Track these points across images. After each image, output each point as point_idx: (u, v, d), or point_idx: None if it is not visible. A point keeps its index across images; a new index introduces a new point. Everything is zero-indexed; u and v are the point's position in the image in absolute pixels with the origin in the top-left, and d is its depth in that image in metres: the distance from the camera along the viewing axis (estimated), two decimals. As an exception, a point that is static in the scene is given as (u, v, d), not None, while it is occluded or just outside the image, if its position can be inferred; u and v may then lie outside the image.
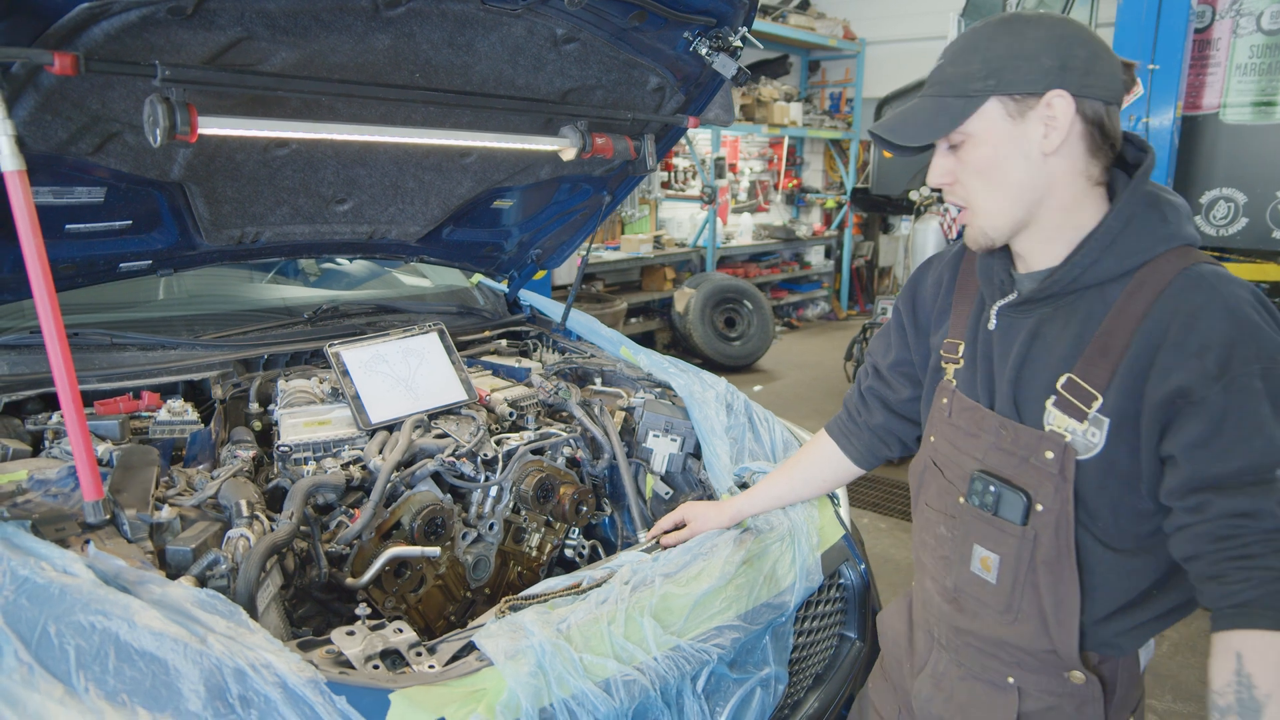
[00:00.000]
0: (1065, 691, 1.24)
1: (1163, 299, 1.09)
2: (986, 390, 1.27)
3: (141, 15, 1.44)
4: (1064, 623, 1.20)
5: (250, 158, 1.99)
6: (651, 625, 1.48)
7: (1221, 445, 1.04)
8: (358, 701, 1.19)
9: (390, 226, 2.49)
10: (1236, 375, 1.03)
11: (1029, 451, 1.19)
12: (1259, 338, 1.05)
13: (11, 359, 1.98)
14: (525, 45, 1.95)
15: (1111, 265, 1.14)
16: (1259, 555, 1.03)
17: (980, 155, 1.16)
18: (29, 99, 1.54)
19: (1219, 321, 1.05)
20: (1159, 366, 1.08)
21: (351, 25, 1.69)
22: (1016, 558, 1.21)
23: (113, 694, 1.14)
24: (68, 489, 1.55)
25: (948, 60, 1.18)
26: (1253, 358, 1.04)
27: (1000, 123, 1.14)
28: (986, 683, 1.31)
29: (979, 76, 1.13)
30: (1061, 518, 1.17)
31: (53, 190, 1.78)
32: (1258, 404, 1.03)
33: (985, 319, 1.29)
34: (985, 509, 1.23)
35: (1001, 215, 1.18)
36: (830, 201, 10.71)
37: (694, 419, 2.29)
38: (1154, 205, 1.15)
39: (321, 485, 1.78)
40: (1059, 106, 1.11)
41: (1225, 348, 1.04)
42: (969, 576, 1.29)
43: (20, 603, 1.20)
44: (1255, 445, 1.03)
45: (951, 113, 1.15)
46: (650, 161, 2.42)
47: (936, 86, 1.18)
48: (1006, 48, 1.12)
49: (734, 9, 1.99)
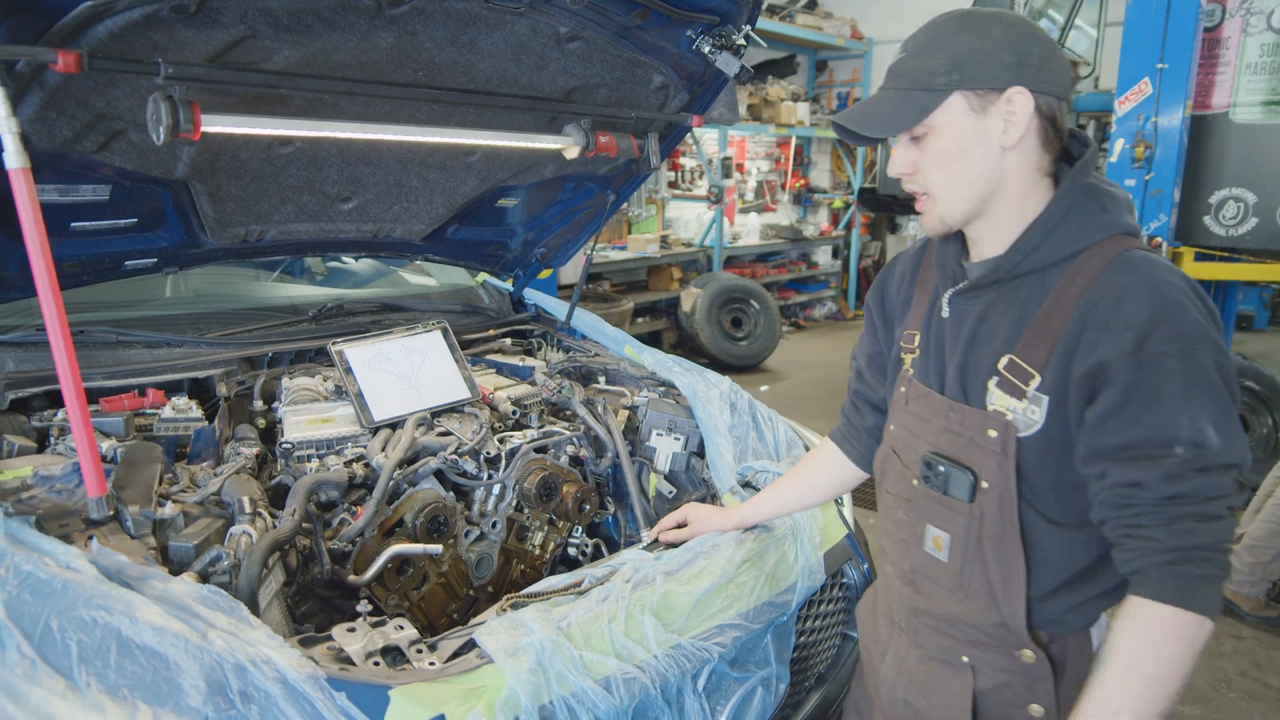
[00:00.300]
0: (1017, 670, 1.27)
1: (1097, 281, 1.14)
2: (938, 376, 1.32)
3: (145, 13, 1.45)
4: (1011, 597, 1.24)
5: (254, 156, 1.99)
6: (652, 623, 1.47)
7: (1126, 417, 1.10)
8: (357, 698, 1.19)
9: (395, 225, 2.49)
10: (1151, 353, 1.08)
11: (974, 431, 1.23)
12: (1180, 320, 1.09)
13: (18, 356, 1.99)
14: (528, 43, 1.95)
15: (1051, 251, 1.19)
16: (1146, 527, 1.10)
17: (943, 147, 1.20)
18: (34, 97, 1.55)
19: (1143, 302, 1.10)
20: (1085, 343, 1.13)
21: (355, 23, 1.69)
22: (965, 534, 1.26)
23: (114, 689, 1.15)
24: (72, 485, 1.56)
25: (910, 54, 1.21)
26: (1170, 338, 1.08)
27: (963, 116, 1.18)
28: (943, 663, 1.34)
29: (943, 71, 1.17)
30: (1005, 494, 1.21)
31: (58, 188, 1.79)
32: (1166, 382, 1.08)
33: (939, 307, 1.33)
34: (936, 489, 1.28)
35: (959, 203, 1.23)
36: (837, 201, 10.69)
37: (698, 418, 2.29)
38: (1093, 195, 1.20)
39: (324, 482, 1.78)
40: (1019, 102, 1.15)
41: (1145, 326, 1.09)
42: (923, 557, 1.34)
43: (23, 597, 1.21)
44: (1154, 420, 1.08)
45: (917, 106, 1.19)
46: (654, 160, 2.41)
47: (900, 79, 1.21)
48: (969, 43, 1.16)
49: (737, 7, 1.99)
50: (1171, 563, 1.08)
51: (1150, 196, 5.37)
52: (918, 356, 1.36)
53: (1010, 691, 1.28)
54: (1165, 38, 5.20)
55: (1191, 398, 1.08)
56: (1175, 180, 5.35)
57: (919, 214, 1.29)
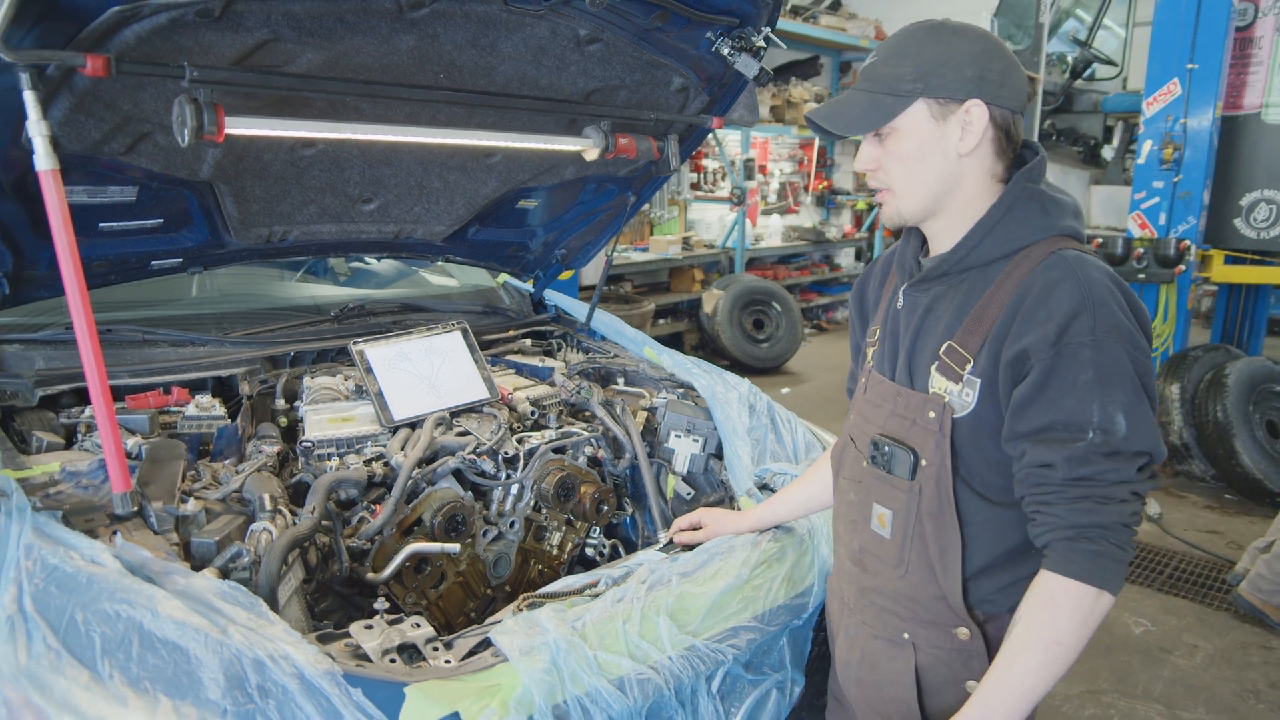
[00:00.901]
0: (953, 646, 1.35)
1: (1030, 275, 1.24)
2: (890, 363, 1.41)
3: (171, 18, 1.47)
4: (948, 571, 1.31)
5: (278, 158, 2.02)
6: (667, 624, 1.48)
7: (1043, 401, 1.19)
8: (373, 694, 1.21)
9: (416, 226, 2.51)
10: (1069, 343, 1.17)
11: (916, 413, 1.33)
12: (1100, 314, 1.18)
13: (48, 354, 2.03)
14: (548, 46, 1.97)
15: (991, 248, 1.29)
16: (1052, 504, 1.20)
17: (904, 148, 1.29)
18: (63, 100, 1.59)
19: (1068, 296, 1.19)
20: (1014, 331, 1.22)
21: (376, 27, 1.71)
22: (906, 511, 1.34)
23: (135, 681, 1.17)
24: (98, 481, 1.59)
25: (881, 59, 1.30)
26: (1088, 330, 1.17)
27: (925, 122, 1.27)
28: (886, 640, 1.42)
29: (909, 79, 1.26)
30: (942, 470, 1.29)
31: (86, 189, 1.83)
32: (1080, 370, 1.17)
33: (895, 299, 1.43)
34: (881, 468, 1.37)
35: (915, 200, 1.33)
36: (861, 203, 10.62)
37: (716, 420, 2.29)
38: (1035, 199, 1.29)
39: (344, 481, 1.80)
40: (976, 114, 1.25)
41: (1067, 318, 1.18)
42: (869, 535, 1.42)
43: (50, 590, 1.23)
44: (1067, 404, 1.18)
45: (883, 109, 1.28)
46: (674, 162, 2.41)
47: (870, 82, 1.30)
48: (935, 55, 1.26)
49: (757, 9, 1.99)
50: (1071, 539, 1.19)
51: (1179, 199, 5.30)
52: (877, 349, 1.46)
53: (946, 668, 1.36)
54: (1195, 37, 5.13)
55: (1104, 386, 1.17)
56: (1205, 182, 5.27)
57: (883, 205, 1.39)
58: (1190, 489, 5.11)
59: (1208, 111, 5.16)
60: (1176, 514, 4.76)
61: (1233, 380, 4.87)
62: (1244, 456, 4.77)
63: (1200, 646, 3.47)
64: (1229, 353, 5.27)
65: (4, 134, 1.59)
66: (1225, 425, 4.80)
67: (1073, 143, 7.29)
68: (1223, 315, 6.15)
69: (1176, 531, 4.50)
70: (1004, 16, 6.72)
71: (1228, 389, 4.84)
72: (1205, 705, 3.10)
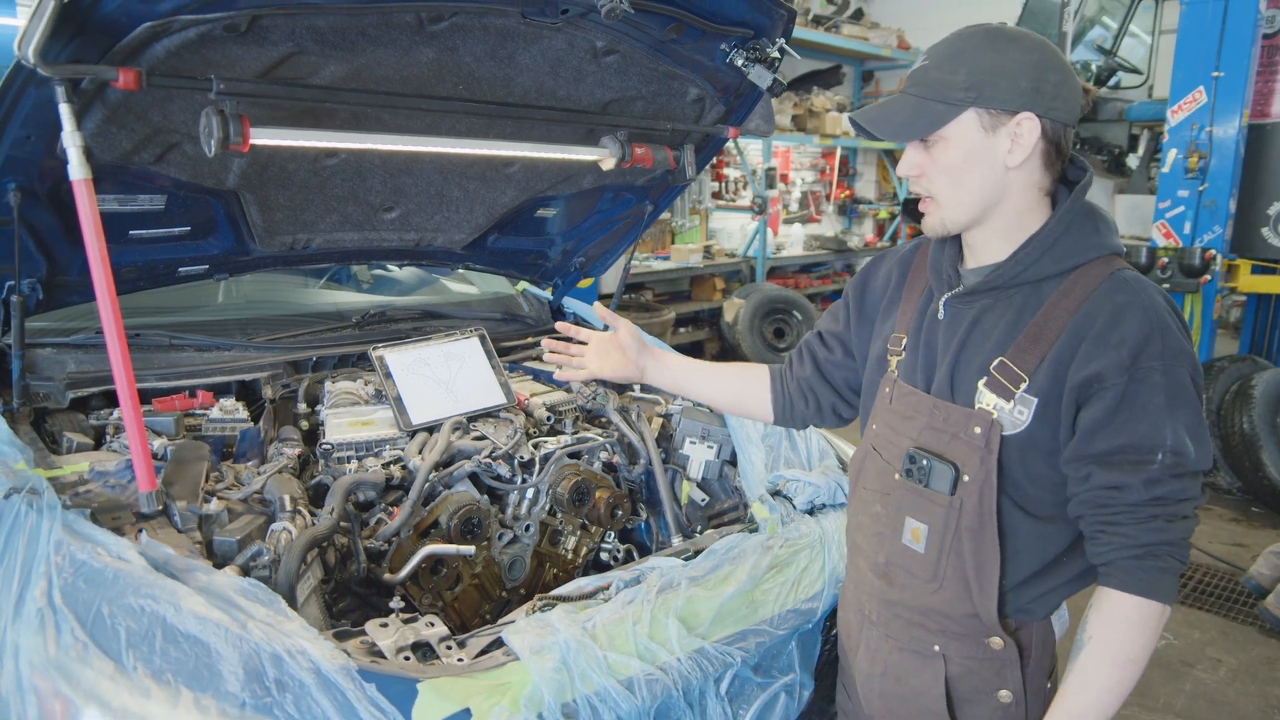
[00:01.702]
0: (985, 656, 1.34)
1: (1093, 297, 1.24)
2: (925, 375, 1.38)
3: (199, 33, 1.53)
4: (985, 587, 1.30)
5: (301, 167, 2.07)
6: (676, 626, 1.50)
7: (1115, 425, 1.20)
8: (387, 689, 1.24)
9: (436, 234, 2.56)
10: (1141, 368, 1.19)
11: (959, 428, 1.31)
12: (1167, 338, 1.20)
13: (79, 357, 2.09)
14: (566, 57, 2.00)
15: (1049, 265, 1.28)
16: (1121, 524, 1.21)
17: (951, 157, 1.27)
18: (96, 112, 1.64)
19: (1138, 320, 1.20)
20: (1082, 354, 1.22)
21: (397, 40, 1.75)
22: (944, 526, 1.32)
23: (159, 673, 1.21)
24: (125, 481, 1.64)
25: (933, 64, 1.27)
26: (1158, 354, 1.19)
27: (974, 132, 1.25)
28: (914, 652, 1.40)
29: (961, 86, 1.23)
30: (985, 486, 1.28)
31: (117, 198, 1.89)
32: (1152, 395, 1.19)
33: (934, 310, 1.39)
34: (918, 482, 1.35)
35: (961, 211, 1.30)
36: (883, 212, 10.60)
37: (730, 426, 2.31)
38: (1090, 216, 1.30)
39: (362, 483, 1.84)
40: (1028, 127, 1.23)
41: (1139, 343, 1.19)
42: (900, 549, 1.39)
43: (78, 585, 1.27)
44: (1140, 429, 1.19)
45: (932, 116, 1.25)
46: (690, 171, 2.44)
47: (920, 87, 1.27)
48: (990, 63, 1.22)
49: (771, 21, 2.01)
50: (1139, 557, 1.21)
51: (1204, 208, 5.24)
52: (904, 359, 1.42)
53: (978, 678, 1.36)
54: (1221, 45, 5.08)
55: (1173, 410, 1.19)
56: (1231, 191, 5.22)
57: (925, 213, 1.35)
58: (1215, 501, 5.05)
59: (1234, 119, 5.11)
60: (1201, 526, 4.68)
61: (1259, 391, 4.81)
62: (1270, 469, 4.70)
63: (1224, 661, 3.42)
64: (1256, 363, 5.21)
65: (40, 145, 1.65)
66: (1251, 437, 4.74)
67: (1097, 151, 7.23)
68: (1251, 325, 6.07)
69: (1201, 544, 4.44)
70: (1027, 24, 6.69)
71: (1254, 400, 4.78)
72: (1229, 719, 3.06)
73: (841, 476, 2.10)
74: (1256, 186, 5.37)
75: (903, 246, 1.55)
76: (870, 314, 1.55)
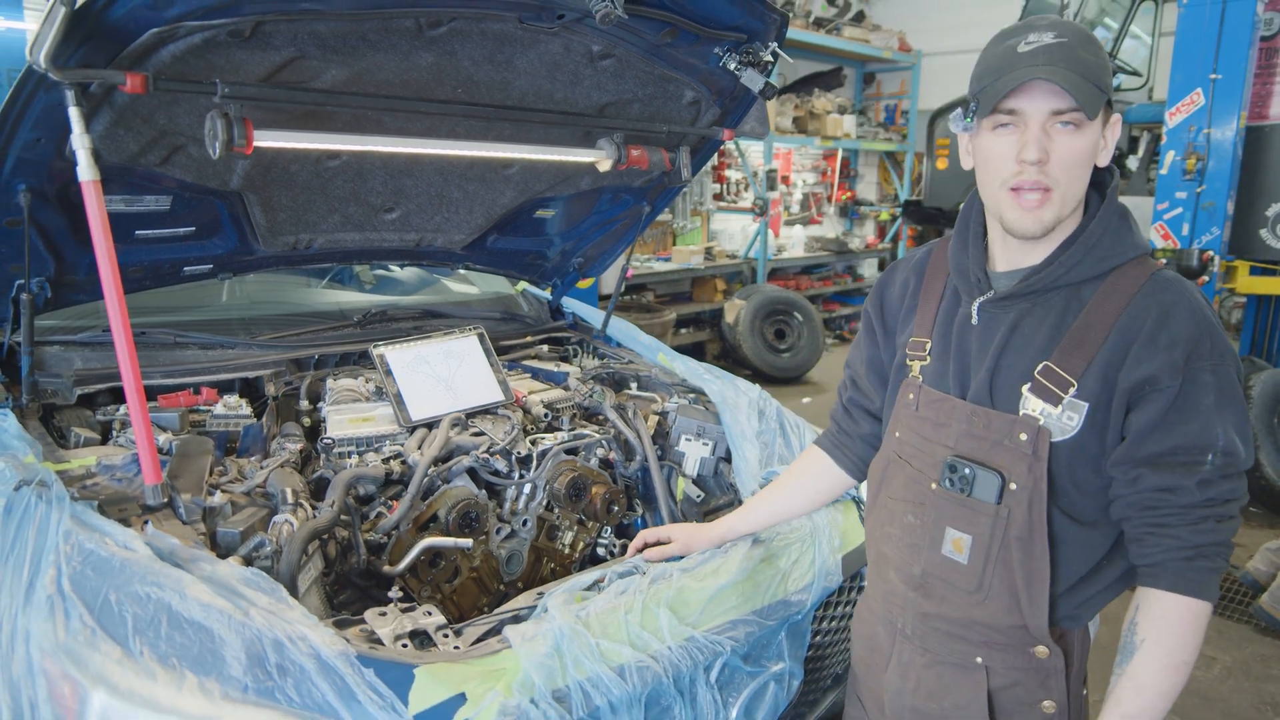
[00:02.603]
0: (1030, 666, 1.31)
1: (1137, 299, 1.23)
2: (959, 381, 1.35)
3: (204, 38, 1.57)
4: (1035, 597, 1.27)
5: (303, 169, 2.11)
6: (667, 616, 1.53)
7: (1166, 426, 1.20)
8: (385, 674, 1.27)
9: (436, 234, 2.60)
10: (1193, 368, 1.19)
11: (1002, 435, 1.28)
12: (1215, 338, 1.21)
13: (86, 355, 2.13)
14: (563, 61, 2.04)
15: (1090, 267, 1.27)
16: (1172, 526, 1.20)
17: (1081, 146, 1.22)
18: (104, 115, 1.69)
19: (1186, 321, 1.20)
20: (1133, 356, 1.21)
21: (397, 44, 1.80)
22: (990, 536, 1.29)
23: (164, 658, 1.24)
24: (131, 474, 1.68)
25: (1079, 44, 1.19)
26: (1207, 354, 1.19)
27: (1099, 125, 1.24)
28: (954, 665, 1.36)
29: (1106, 75, 1.21)
30: (1035, 495, 1.26)
31: (124, 199, 1.93)
32: (1204, 395, 1.19)
33: (966, 315, 1.36)
34: (959, 491, 1.31)
35: (1070, 205, 1.26)
36: (884, 214, 10.62)
37: (725, 424, 2.34)
38: (1124, 217, 1.30)
39: (362, 477, 1.88)
40: (1118, 127, 1.26)
41: (1190, 343, 1.19)
42: (939, 560, 1.35)
43: (86, 573, 1.31)
44: (1191, 430, 1.19)
45: (1096, 99, 1.19)
46: (685, 173, 2.48)
47: (1077, 65, 1.17)
48: (1103, 58, 1.22)
49: (765, 25, 2.05)
50: (1190, 559, 1.19)
51: (1202, 209, 5.26)
52: (929, 363, 1.39)
53: (1022, 689, 1.32)
54: (1219, 47, 5.10)
55: (1222, 410, 1.19)
56: (1229, 193, 5.23)
57: (1026, 210, 1.24)
58: (1214, 501, 5.05)
59: (1232, 121, 5.13)
60: (1198, 526, 4.71)
61: (1258, 392, 4.83)
62: (1269, 469, 4.72)
63: (1218, 658, 3.45)
64: (1254, 364, 5.22)
65: (49, 147, 1.69)
66: (1249, 437, 4.75)
67: (1097, 153, 7.23)
68: (1251, 327, 6.08)
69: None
70: (1027, 28, 6.70)
71: (1252, 401, 4.80)
72: (1222, 717, 3.08)
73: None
74: (1255, 188, 5.39)
75: (914, 253, 1.52)
76: (892, 325, 1.51)
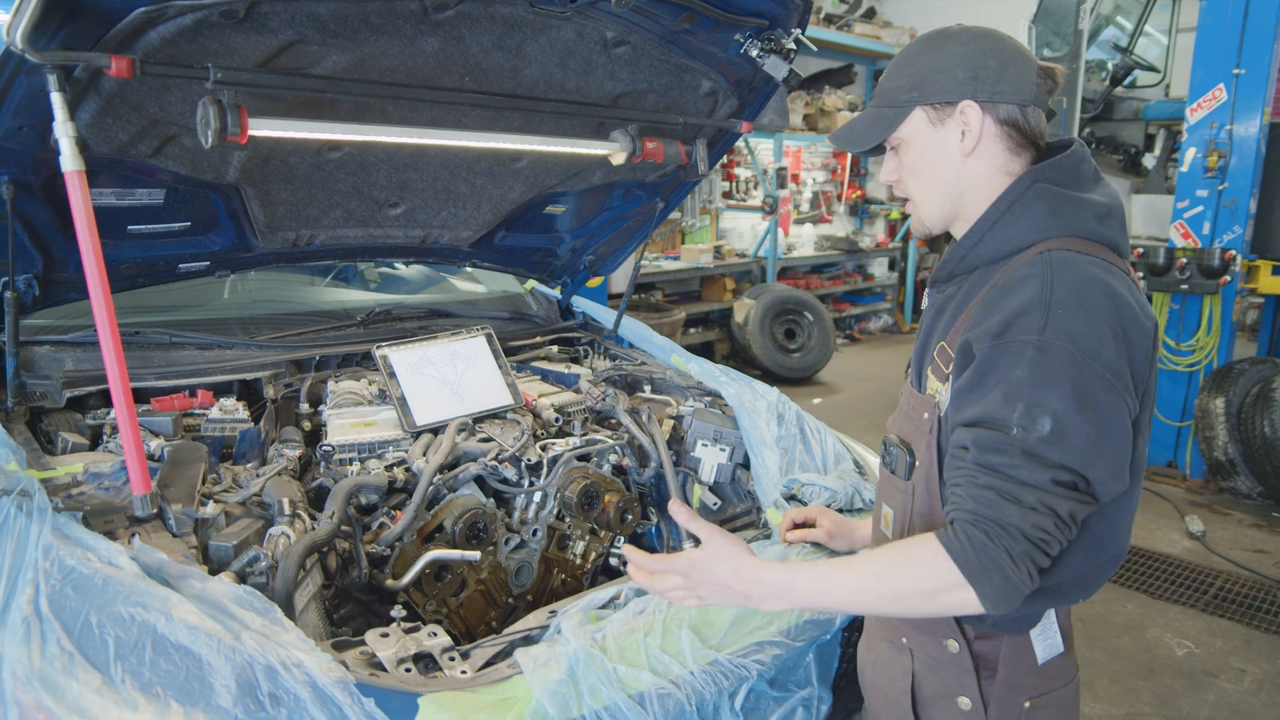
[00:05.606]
0: (944, 658, 1.33)
1: (1009, 272, 1.21)
2: (911, 366, 1.42)
3: (195, 19, 1.48)
4: None
5: (303, 161, 2.02)
6: (689, 638, 1.44)
7: (978, 392, 1.17)
8: (386, 704, 1.19)
9: (442, 231, 2.51)
10: (1012, 340, 1.14)
11: (915, 414, 1.33)
12: (1056, 317, 1.13)
13: (76, 355, 2.04)
14: (575, 48, 1.95)
15: (989, 249, 1.28)
16: (961, 485, 1.18)
17: (912, 157, 1.33)
18: (91, 103, 1.59)
19: (1026, 294, 1.15)
20: (970, 322, 1.22)
21: (401, 29, 1.70)
22: (903, 511, 1.35)
23: (147, 686, 1.15)
24: (119, 482, 1.59)
25: (885, 76, 1.36)
26: (1035, 329, 1.13)
27: (924, 129, 1.30)
28: (890, 643, 1.42)
29: (906, 89, 1.31)
30: (931, 470, 1.29)
31: (115, 192, 1.84)
32: (1016, 366, 1.13)
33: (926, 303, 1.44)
34: (889, 469, 1.39)
35: (933, 207, 1.35)
36: (895, 213, 10.50)
37: (743, 429, 2.25)
38: (1042, 197, 1.25)
39: (364, 486, 1.79)
40: (970, 114, 1.26)
41: (1015, 314, 1.15)
42: (879, 535, 1.45)
43: (66, 592, 1.22)
44: (994, 397, 1.15)
45: (884, 122, 1.33)
46: (702, 167, 2.39)
47: (876, 99, 1.36)
48: (928, 63, 1.29)
49: (787, 10, 1.96)
50: (970, 522, 1.13)
51: (1224, 207, 5.15)
52: None
53: (939, 679, 1.34)
54: (1243, 42, 4.99)
55: (1036, 387, 1.12)
56: (1251, 190, 5.12)
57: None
58: (1235, 506, 4.95)
59: (1255, 118, 5.02)
60: (1221, 532, 4.61)
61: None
62: (1295, 475, 4.62)
63: (1248, 671, 3.34)
64: (1276, 365, 5.11)
65: (33, 136, 1.60)
66: (1273, 440, 4.65)
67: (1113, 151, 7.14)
68: (1270, 327, 5.97)
69: (1221, 550, 4.35)
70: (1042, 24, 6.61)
71: (1275, 403, 4.69)
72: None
73: (858, 480, 2.04)
74: (1278, 186, 5.27)
75: None
76: None
